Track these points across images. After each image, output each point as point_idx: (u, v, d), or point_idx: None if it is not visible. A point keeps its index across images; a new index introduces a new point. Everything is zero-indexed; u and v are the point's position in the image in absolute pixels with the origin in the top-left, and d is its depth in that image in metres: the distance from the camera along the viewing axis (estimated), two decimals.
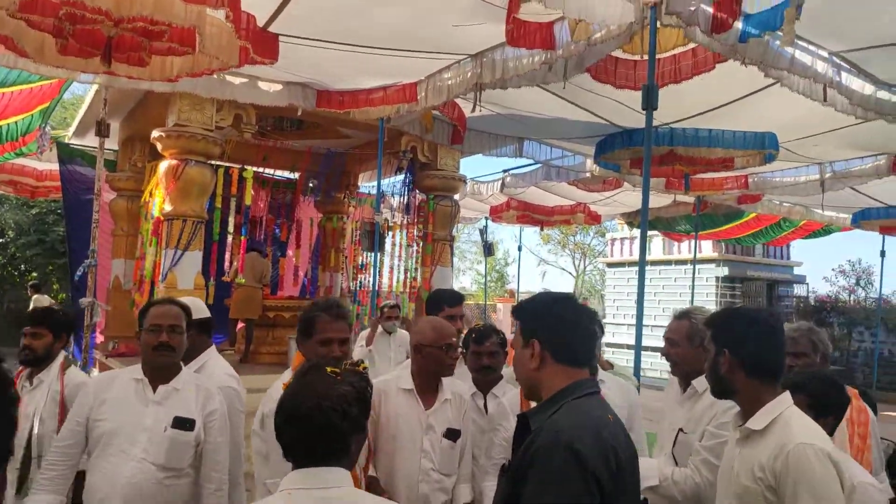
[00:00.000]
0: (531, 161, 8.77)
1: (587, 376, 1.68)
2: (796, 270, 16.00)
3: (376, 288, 6.95)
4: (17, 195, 12.31)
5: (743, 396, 1.96)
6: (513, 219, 11.90)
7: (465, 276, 32.89)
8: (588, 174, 8.68)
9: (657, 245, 15.90)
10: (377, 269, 7.11)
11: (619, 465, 1.51)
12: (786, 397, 1.92)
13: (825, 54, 4.60)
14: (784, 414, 1.87)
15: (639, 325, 4.02)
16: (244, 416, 3.00)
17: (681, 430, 2.49)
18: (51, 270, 16.69)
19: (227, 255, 8.10)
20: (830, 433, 2.25)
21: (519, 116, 6.77)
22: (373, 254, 6.76)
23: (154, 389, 2.50)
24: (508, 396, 2.93)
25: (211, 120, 6.99)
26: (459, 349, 2.88)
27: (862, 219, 9.96)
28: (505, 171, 10.19)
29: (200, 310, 3.12)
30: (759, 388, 1.92)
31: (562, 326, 1.67)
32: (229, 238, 7.69)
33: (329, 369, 1.50)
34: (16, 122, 6.41)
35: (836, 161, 8.08)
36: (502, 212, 11.52)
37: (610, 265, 17.11)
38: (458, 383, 2.90)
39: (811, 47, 4.47)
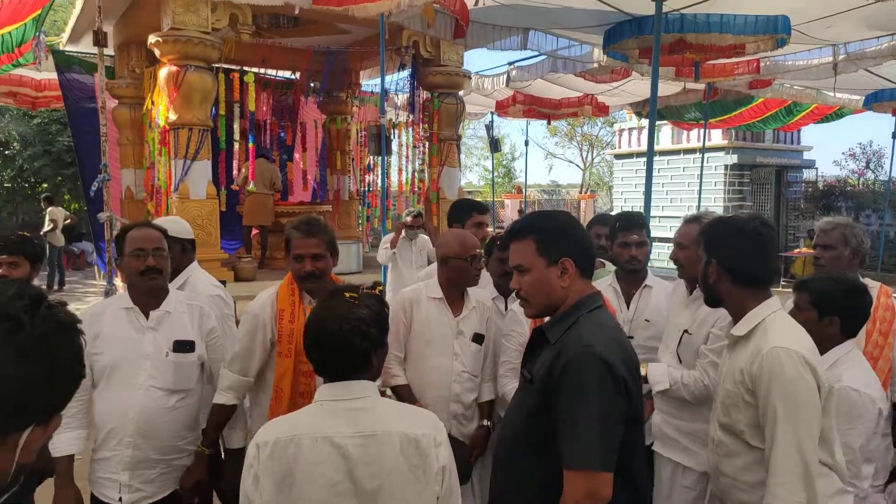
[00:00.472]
0: (536, 53, 8.53)
1: (594, 290, 1.83)
2: (806, 155, 15.81)
3: (385, 190, 6.99)
4: (17, 106, 12.17)
5: (730, 304, 2.02)
6: (519, 113, 11.72)
7: (471, 173, 32.73)
8: (596, 64, 8.47)
9: (666, 134, 15.68)
10: (385, 172, 7.11)
11: (637, 370, 1.73)
12: (772, 302, 1.96)
13: None
14: (767, 319, 1.92)
15: (646, 215, 4.08)
16: (234, 321, 3.10)
17: (686, 331, 2.58)
18: (60, 181, 16.77)
19: (235, 163, 8.12)
20: (840, 332, 2.30)
21: (523, 6, 6.55)
22: (380, 157, 6.74)
23: (146, 316, 2.46)
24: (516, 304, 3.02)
25: (207, 22, 6.80)
26: (482, 258, 2.93)
27: (874, 101, 9.77)
28: (510, 63, 9.93)
29: (184, 231, 3.14)
30: (744, 295, 1.97)
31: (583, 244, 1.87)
32: (236, 145, 7.68)
33: (347, 294, 1.66)
34: (10, 33, 6.25)
35: (850, 42, 7.83)
36: (508, 106, 11.33)
37: (618, 156, 16.96)
38: (479, 291, 3.01)
39: None
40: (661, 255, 13.20)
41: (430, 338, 2.84)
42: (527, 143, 14.71)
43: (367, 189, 10.55)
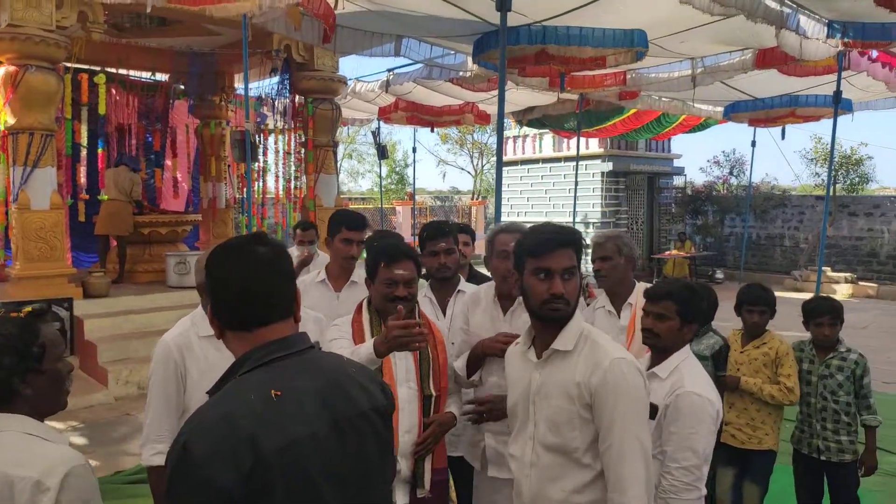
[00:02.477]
0: (411, 61, 8.51)
1: (262, 341, 1.29)
2: (676, 163, 16.78)
3: (252, 198, 6.71)
4: None
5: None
6: (402, 120, 11.66)
7: (364, 180, 32.52)
8: (469, 73, 8.55)
9: (548, 142, 16.18)
10: (251, 180, 6.83)
11: (264, 459, 1.14)
12: (579, 315, 1.96)
13: None
14: (586, 333, 1.91)
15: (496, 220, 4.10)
16: None
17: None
18: None
19: (82, 170, 7.53)
20: (693, 337, 2.41)
21: (393, 14, 6.48)
22: (246, 164, 6.46)
23: None
24: (342, 319, 2.76)
25: (50, 19, 6.28)
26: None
27: (732, 111, 10.44)
28: (389, 70, 9.86)
29: None
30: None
31: (218, 287, 1.33)
32: (83, 151, 7.14)
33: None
34: None
35: (706, 56, 8.33)
36: (391, 113, 11.24)
37: (504, 164, 17.32)
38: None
39: None
40: None
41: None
42: (414, 150, 14.70)
43: (244, 197, 10.15)
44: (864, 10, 5.66)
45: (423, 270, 3.11)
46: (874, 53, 7.74)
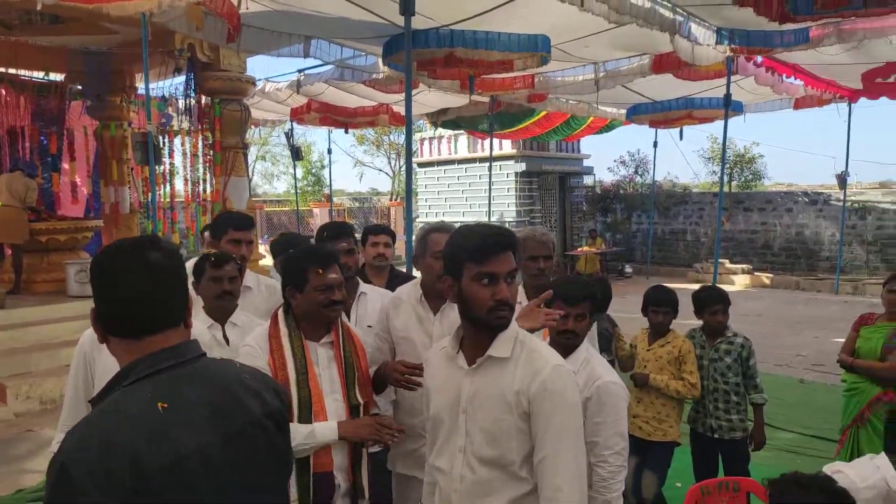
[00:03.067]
0: (321, 62, 8.46)
1: (154, 349, 1.23)
2: (585, 163, 17.39)
3: (158, 202, 6.49)
4: None
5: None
6: (315, 121, 11.56)
7: (279, 182, 31.84)
8: (381, 75, 8.58)
9: (463, 143, 16.40)
10: (156, 183, 6.61)
11: (147, 479, 1.09)
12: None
13: None
14: (521, 337, 1.82)
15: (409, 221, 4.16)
16: None
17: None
18: None
19: None
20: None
21: (299, 14, 6.43)
22: (150, 167, 6.24)
23: None
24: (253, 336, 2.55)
25: None
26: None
27: (634, 113, 10.94)
28: (300, 70, 9.75)
29: None
30: None
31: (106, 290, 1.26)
32: None
33: None
34: None
35: (608, 61, 8.71)
36: (304, 114, 11.12)
37: (420, 165, 17.42)
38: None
39: None
40: None
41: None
42: (330, 152, 14.63)
43: (149, 201, 9.75)
44: (748, 18, 6.08)
45: None
46: (759, 59, 8.32)
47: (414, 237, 3.27)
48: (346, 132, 12.22)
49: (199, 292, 2.76)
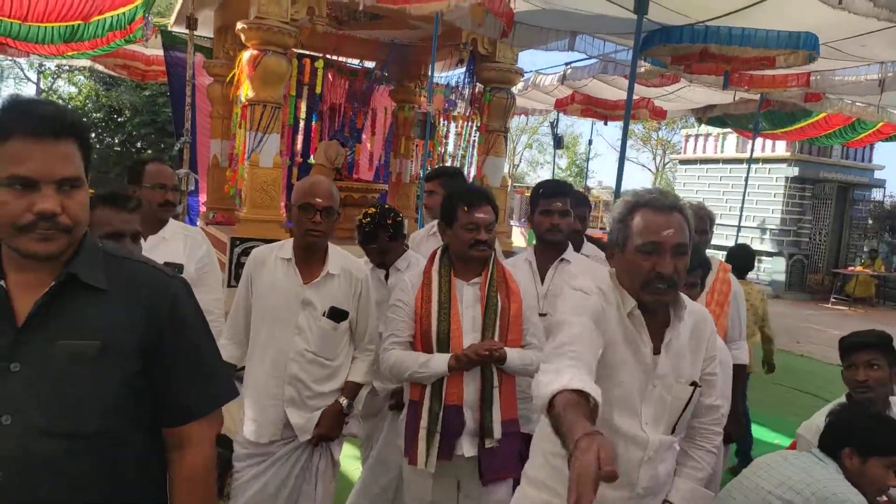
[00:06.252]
0: (585, 56, 9.08)
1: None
2: (878, 174, 15.40)
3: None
4: (130, 78, 13.72)
5: None
6: (577, 112, 12.21)
7: (543, 170, 33.01)
8: (642, 69, 8.92)
9: (731, 142, 15.71)
10: (432, 158, 7.91)
11: None
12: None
13: None
14: None
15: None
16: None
17: None
18: (163, 148, 18.58)
19: (300, 139, 9.11)
20: None
21: (564, 12, 7.15)
22: (424, 142, 7.55)
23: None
24: (412, 272, 2.75)
25: (287, 13, 7.77)
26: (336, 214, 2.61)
27: None
28: (566, 64, 10.49)
29: None
30: None
31: None
32: (301, 123, 8.65)
33: None
34: (123, 13, 7.45)
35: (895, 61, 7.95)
36: (567, 105, 11.84)
37: (682, 162, 17.08)
38: (353, 259, 2.75)
39: None
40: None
41: (272, 304, 2.61)
42: (590, 143, 15.19)
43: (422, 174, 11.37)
44: None
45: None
46: None
47: None
48: (606, 124, 12.67)
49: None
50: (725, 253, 5.08)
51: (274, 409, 2.59)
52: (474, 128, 9.40)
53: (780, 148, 14.32)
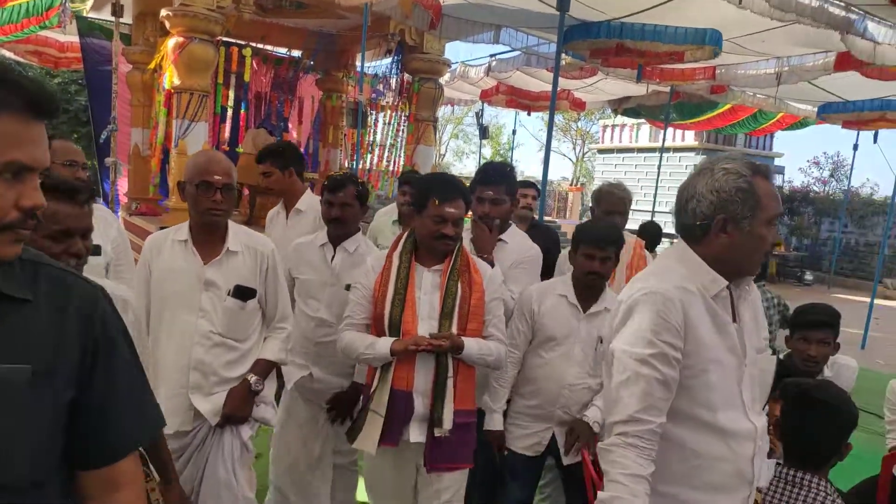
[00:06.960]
0: (509, 49, 9.42)
1: None
2: (777, 161, 16.62)
3: (362, 165, 7.92)
4: (41, 65, 13.09)
5: None
6: (502, 102, 12.58)
7: (468, 160, 33.53)
8: (563, 62, 9.33)
9: (645, 132, 16.54)
10: (361, 149, 8.04)
11: None
12: None
13: None
14: None
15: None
16: None
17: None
18: (76, 138, 17.75)
19: (227, 127, 9.03)
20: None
21: (490, 6, 7.44)
22: (356, 131, 7.68)
23: None
24: (374, 256, 2.71)
25: (213, 0, 7.70)
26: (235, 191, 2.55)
27: (824, 112, 10.57)
28: (491, 55, 10.81)
29: None
30: None
31: None
32: (229, 111, 8.58)
33: None
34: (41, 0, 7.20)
35: (791, 56, 8.68)
36: (492, 95, 12.19)
37: (600, 151, 17.85)
38: (257, 235, 2.66)
39: None
40: None
41: (169, 289, 2.48)
42: (514, 132, 15.62)
43: (353, 164, 11.45)
44: None
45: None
46: None
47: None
48: (528, 114, 13.10)
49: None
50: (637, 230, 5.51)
51: (178, 398, 2.44)
52: (403, 117, 9.56)
53: (690, 137, 15.24)
